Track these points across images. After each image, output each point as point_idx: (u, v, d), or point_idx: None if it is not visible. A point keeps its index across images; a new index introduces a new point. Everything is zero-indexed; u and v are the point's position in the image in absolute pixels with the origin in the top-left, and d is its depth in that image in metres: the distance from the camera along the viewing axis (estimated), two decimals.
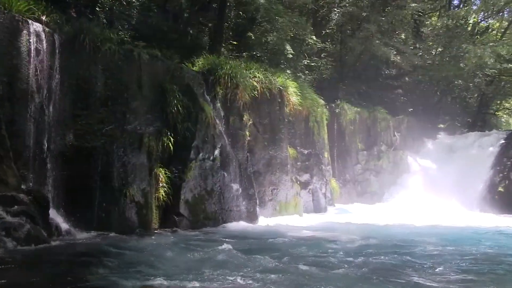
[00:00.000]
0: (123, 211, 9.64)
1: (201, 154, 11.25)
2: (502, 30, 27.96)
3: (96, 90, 9.67)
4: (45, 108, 8.76)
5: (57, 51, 9.09)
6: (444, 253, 8.27)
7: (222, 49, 16.20)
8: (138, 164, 10.06)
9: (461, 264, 7.24)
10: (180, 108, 11.00)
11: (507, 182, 19.07)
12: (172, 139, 10.74)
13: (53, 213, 8.39)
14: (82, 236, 8.68)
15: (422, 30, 27.05)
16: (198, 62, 13.11)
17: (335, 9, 22.23)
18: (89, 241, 8.45)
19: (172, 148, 10.73)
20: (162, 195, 10.41)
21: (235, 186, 12.00)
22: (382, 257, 7.67)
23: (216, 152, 11.60)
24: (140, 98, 10.42)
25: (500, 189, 19.10)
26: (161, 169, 10.52)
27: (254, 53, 17.65)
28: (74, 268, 6.29)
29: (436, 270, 6.79)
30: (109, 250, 7.53)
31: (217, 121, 11.98)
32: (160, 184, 10.44)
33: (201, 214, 11.06)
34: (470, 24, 27.29)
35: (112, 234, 9.14)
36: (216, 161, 11.56)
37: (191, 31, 16.53)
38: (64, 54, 9.23)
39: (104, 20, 12.45)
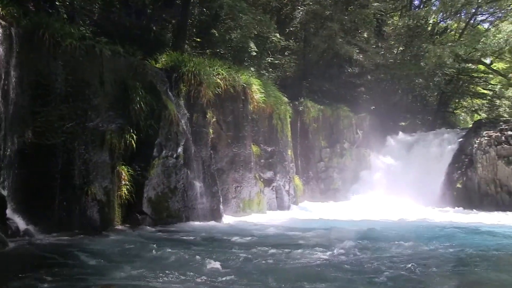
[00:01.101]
0: (84, 209, 9.49)
1: (164, 152, 11.17)
2: (460, 30, 28.69)
3: (56, 87, 9.45)
4: (1, 105, 8.51)
5: (14, 46, 8.83)
6: (402, 248, 8.46)
7: (186, 46, 16.10)
8: (100, 162, 9.91)
9: (413, 259, 7.38)
10: (143, 105, 10.90)
11: (464, 178, 19.62)
12: (134, 137, 10.63)
13: (10, 213, 8.19)
14: (42, 236, 8.50)
15: (384, 29, 27.50)
16: (161, 59, 13.01)
17: (299, 7, 22.38)
18: (49, 241, 8.28)
19: (134, 145, 10.61)
20: (125, 193, 10.29)
21: (199, 184, 11.97)
22: (344, 253, 7.79)
23: (179, 149, 11.54)
24: (102, 95, 10.27)
25: (458, 185, 19.64)
26: (123, 166, 10.40)
27: (218, 50, 17.61)
28: (31, 270, 6.13)
29: (391, 263, 6.94)
30: (69, 250, 7.42)
31: (181, 118, 11.90)
32: (123, 182, 10.32)
33: (164, 212, 10.99)
34: (430, 24, 27.95)
35: (74, 233, 8.97)
36: (179, 158, 11.50)
37: (154, 28, 16.35)
38: (22, 49, 8.98)
39: (65, 15, 12.18)
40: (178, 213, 11.26)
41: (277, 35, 20.04)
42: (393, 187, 20.18)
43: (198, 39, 17.42)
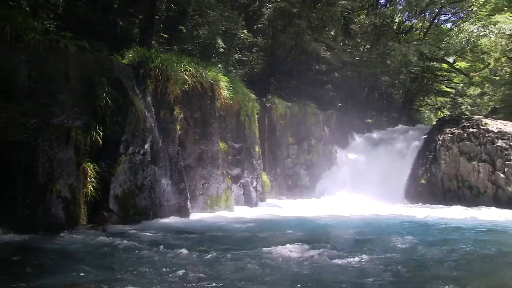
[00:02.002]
0: (49, 207, 9.32)
1: (131, 148, 11.06)
2: (424, 30, 29.29)
3: (19, 82, 9.24)
4: None
5: None
6: (366, 243, 8.63)
7: (153, 42, 15.94)
8: (65, 159, 9.75)
9: (375, 253, 7.54)
10: (109, 101, 10.75)
11: (428, 174, 20.06)
12: (101, 133, 10.48)
13: None
14: (4, 235, 8.31)
15: (351, 27, 27.87)
16: (128, 54, 12.85)
17: (267, 4, 22.43)
18: (11, 240, 8.11)
19: (101, 142, 10.47)
20: (91, 190, 10.15)
21: (166, 181, 11.90)
22: (312, 248, 7.86)
23: (146, 146, 11.44)
24: (67, 91, 10.09)
25: (423, 181, 20.08)
26: (89, 163, 10.25)
27: (186, 46, 17.50)
28: None
29: (355, 258, 7.06)
30: (31, 248, 7.28)
31: (148, 115, 11.79)
32: (89, 179, 10.17)
33: (131, 209, 10.88)
34: (396, 23, 28.47)
35: (37, 231, 8.82)
36: (146, 155, 11.40)
37: (120, 23, 16.14)
38: None
39: (27, 8, 11.90)
40: (145, 210, 11.17)
41: (245, 31, 20.05)
42: (359, 183, 20.47)
43: (166, 35, 17.30)
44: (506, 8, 21.96)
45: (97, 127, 10.50)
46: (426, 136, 21.89)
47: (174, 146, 12.65)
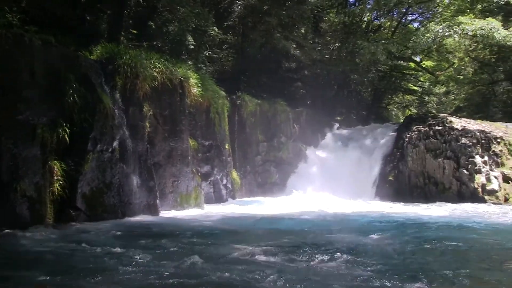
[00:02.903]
0: (13, 206, 9.11)
1: (99, 146, 10.89)
2: (392, 29, 29.73)
3: None
4: None
5: None
6: (336, 240, 8.71)
7: (122, 38, 15.72)
8: (31, 157, 9.54)
9: (340, 250, 7.63)
10: (76, 98, 10.58)
11: (396, 171, 20.36)
12: (68, 130, 10.30)
13: None
14: None
15: (320, 25, 28.07)
16: (96, 50, 12.64)
17: (237, 1, 22.38)
18: None
19: (68, 139, 10.28)
20: (57, 188, 9.96)
21: (135, 179, 11.78)
22: (279, 245, 7.90)
23: (115, 143, 11.29)
24: (32, 87, 9.86)
25: (390, 178, 20.36)
26: (56, 161, 10.05)
27: (155, 43, 17.31)
28: None
29: (322, 256, 7.10)
30: None
31: (116, 112, 11.65)
32: (55, 178, 9.98)
33: (99, 207, 10.73)
34: (365, 22, 28.83)
35: (1, 230, 8.61)
36: (115, 153, 11.25)
37: (88, 18, 15.86)
38: None
39: None
40: (113, 209, 11.03)
41: (215, 29, 19.96)
42: (328, 180, 20.63)
43: (135, 31, 17.05)
44: (468, 10, 22.48)
45: (64, 124, 10.31)
46: (394, 133, 22.23)
47: (143, 144, 12.51)
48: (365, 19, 28.44)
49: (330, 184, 20.20)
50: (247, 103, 20.88)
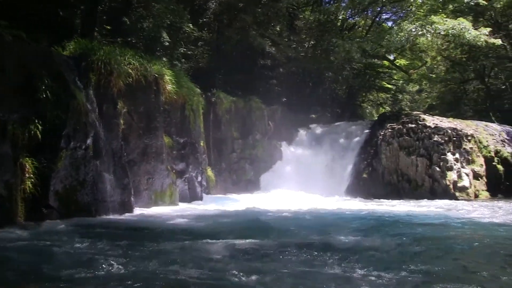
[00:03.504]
0: None
1: (72, 143, 10.75)
2: (367, 27, 30.02)
3: None
4: None
5: None
6: (313, 238, 8.79)
7: (95, 34, 15.56)
8: (1, 154, 9.31)
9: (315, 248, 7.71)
10: (49, 94, 10.40)
11: (370, 169, 20.62)
12: (40, 127, 10.12)
13: None
14: None
15: (296, 23, 28.19)
16: (69, 46, 12.48)
17: None
18: None
19: (40, 136, 10.11)
20: (29, 186, 9.78)
21: (109, 176, 11.67)
22: (249, 243, 7.94)
23: (89, 141, 11.16)
24: (3, 83, 9.68)
25: (365, 175, 20.62)
26: (27, 159, 9.88)
27: (129, 39, 17.16)
28: None
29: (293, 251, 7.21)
30: None
31: (90, 108, 11.51)
32: (27, 175, 9.81)
33: (73, 205, 10.59)
34: (340, 20, 29.03)
35: None
36: (88, 150, 11.12)
37: (61, 13, 15.62)
38: None
39: None
40: (87, 207, 10.90)
41: (190, 25, 19.91)
42: (303, 178, 20.79)
43: (109, 27, 16.89)
44: (440, 10, 22.85)
45: (36, 121, 10.13)
46: (368, 131, 22.50)
47: (118, 141, 12.40)
48: (340, 17, 28.66)
49: (305, 181, 20.35)
50: (222, 100, 20.87)
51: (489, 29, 22.29)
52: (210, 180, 18.27)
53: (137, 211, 12.34)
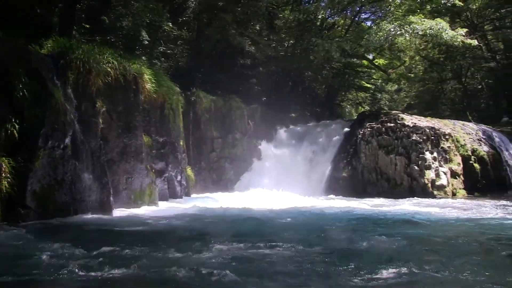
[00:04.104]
0: None
1: (50, 142, 10.63)
2: (346, 27, 30.24)
3: None
4: None
5: None
6: (293, 237, 8.85)
7: (74, 32, 15.39)
8: None
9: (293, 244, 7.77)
10: (26, 93, 10.28)
11: (349, 167, 20.78)
12: (17, 126, 10.00)
13: None
14: None
15: (275, 22, 28.26)
16: (47, 44, 12.32)
17: None
18: None
19: (17, 135, 9.99)
20: (6, 186, 9.64)
21: (88, 176, 11.56)
22: (229, 242, 7.95)
23: (67, 140, 11.04)
24: None
25: (344, 174, 20.77)
26: (4, 158, 9.75)
27: (109, 38, 17.01)
28: None
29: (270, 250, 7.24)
30: None
31: (68, 107, 11.39)
32: (3, 175, 9.67)
33: (50, 205, 10.47)
34: (319, 20, 29.18)
35: None
36: (67, 149, 11.01)
37: (39, 11, 15.42)
38: None
39: None
40: (65, 206, 10.80)
41: (170, 24, 19.81)
42: (283, 177, 20.85)
43: (87, 26, 16.71)
44: (418, 10, 23.12)
45: (13, 120, 10.01)
46: (347, 130, 22.66)
47: (96, 140, 12.29)
48: (320, 17, 28.81)
49: (285, 180, 20.40)
50: (201, 100, 20.84)
51: (465, 29, 22.61)
52: (189, 180, 18.21)
53: (116, 210, 12.25)
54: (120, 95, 13.50)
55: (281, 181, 20.50)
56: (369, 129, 20.64)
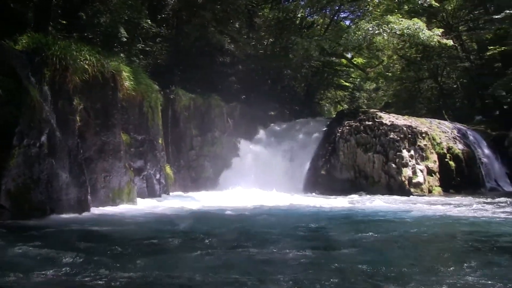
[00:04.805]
0: None
1: (25, 140, 10.44)
2: (325, 26, 30.37)
3: None
4: None
5: None
6: (272, 232, 8.88)
7: (50, 28, 15.15)
8: None
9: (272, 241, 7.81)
10: (0, 90, 10.09)
11: (328, 165, 20.91)
12: None
13: None
14: None
15: (255, 20, 28.26)
16: (21, 40, 12.10)
17: None
18: None
19: None
20: None
21: (64, 174, 11.39)
22: (210, 238, 7.98)
23: (43, 138, 10.87)
24: None
25: (323, 172, 20.88)
26: None
27: (86, 34, 16.80)
28: None
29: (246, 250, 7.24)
30: None
31: (44, 105, 11.21)
32: None
33: (26, 204, 10.29)
34: (298, 18, 29.29)
35: None
36: (43, 147, 10.83)
37: (12, 5, 15.15)
38: None
39: None
40: (41, 206, 10.63)
41: (149, 21, 19.66)
42: (263, 175, 20.87)
43: (64, 22, 16.48)
44: (396, 10, 23.37)
45: None
46: (326, 128, 22.80)
47: (74, 138, 12.12)
48: (299, 15, 28.92)
49: (264, 178, 20.43)
50: (181, 98, 20.74)
51: (441, 30, 22.92)
52: (168, 178, 18.11)
53: (94, 209, 12.10)
54: (98, 93, 13.34)
55: (261, 179, 20.51)
56: (347, 127, 20.79)
